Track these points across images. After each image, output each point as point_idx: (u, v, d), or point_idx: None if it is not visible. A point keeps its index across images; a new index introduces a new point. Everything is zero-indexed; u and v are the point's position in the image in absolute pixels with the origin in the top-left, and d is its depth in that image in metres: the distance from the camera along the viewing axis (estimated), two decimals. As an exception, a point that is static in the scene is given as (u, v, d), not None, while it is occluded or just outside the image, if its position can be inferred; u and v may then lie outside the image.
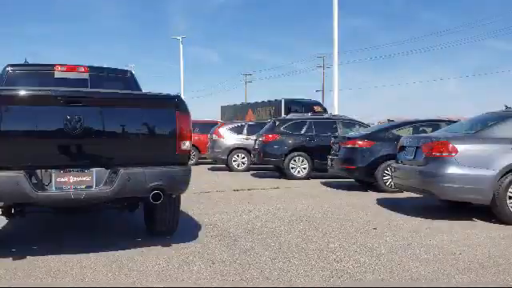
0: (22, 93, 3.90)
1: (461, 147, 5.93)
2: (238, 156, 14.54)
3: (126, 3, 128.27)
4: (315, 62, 66.63)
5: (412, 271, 3.80)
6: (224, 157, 14.51)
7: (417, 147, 6.56)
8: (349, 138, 9.55)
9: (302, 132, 11.94)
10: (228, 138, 14.71)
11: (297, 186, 10.20)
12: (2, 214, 4.56)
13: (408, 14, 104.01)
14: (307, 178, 11.61)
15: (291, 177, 11.56)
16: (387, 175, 8.80)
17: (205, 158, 16.57)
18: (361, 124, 12.38)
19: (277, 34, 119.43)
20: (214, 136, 14.84)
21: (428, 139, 6.45)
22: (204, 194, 8.58)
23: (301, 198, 8.23)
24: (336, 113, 17.26)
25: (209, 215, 6.35)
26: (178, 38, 39.31)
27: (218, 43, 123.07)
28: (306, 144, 11.80)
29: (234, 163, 14.46)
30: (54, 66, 5.43)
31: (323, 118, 12.83)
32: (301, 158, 11.68)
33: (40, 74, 5.47)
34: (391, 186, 8.64)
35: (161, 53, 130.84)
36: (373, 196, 8.39)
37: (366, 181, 9.45)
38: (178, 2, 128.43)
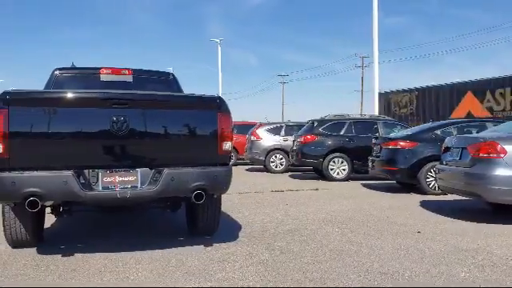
0: (71, 95, 4.04)
1: (510, 148, 5.69)
2: (275, 157, 14.53)
3: (162, 7, 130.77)
4: (353, 62, 65.97)
5: (460, 276, 3.67)
6: (262, 158, 14.53)
7: (463, 148, 6.35)
8: (390, 139, 9.36)
9: (342, 133, 11.79)
10: (266, 139, 14.72)
11: (336, 187, 10.09)
12: (51, 213, 4.73)
13: (450, 12, 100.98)
14: (347, 179, 11.46)
15: (330, 178, 11.44)
16: (431, 177, 8.56)
17: (243, 159, 16.65)
18: (402, 125, 12.11)
19: (313, 34, 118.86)
20: (252, 137, 14.89)
21: (475, 140, 6.23)
22: (243, 194, 8.62)
23: (341, 199, 8.12)
24: (376, 113, 16.95)
25: (248, 216, 6.37)
26: (217, 40, 39.70)
27: (254, 45, 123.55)
28: (346, 145, 11.65)
29: (271, 164, 14.45)
30: (99, 69, 5.59)
31: (363, 119, 12.66)
32: (340, 160, 11.54)
33: (86, 76, 5.65)
34: (435, 188, 8.40)
35: (197, 55, 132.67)
36: (416, 198, 8.18)
37: (409, 183, 9.23)
38: (214, 5, 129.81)
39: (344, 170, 11.52)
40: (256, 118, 30.63)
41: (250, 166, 16.42)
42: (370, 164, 9.83)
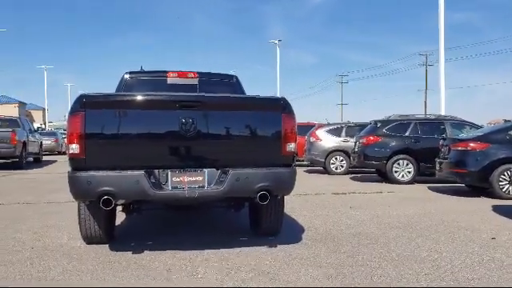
0: (143, 98, 4.21)
1: None
2: (336, 159, 14.31)
3: (222, 11, 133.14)
4: (414, 61, 63.89)
5: (543, 287, 3.41)
6: (321, 159, 14.35)
7: (542, 150, 5.92)
8: (460, 140, 8.94)
9: (407, 134, 11.40)
10: (326, 140, 14.52)
11: (401, 190, 9.76)
12: (122, 211, 4.94)
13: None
14: (412, 182, 11.06)
15: (394, 181, 11.08)
16: (504, 180, 8.10)
17: (301, 161, 16.52)
18: (472, 125, 11.52)
19: (373, 33, 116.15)
20: (311, 138, 14.74)
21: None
22: (303, 196, 8.55)
23: (406, 203, 7.85)
24: (442, 113, 16.25)
25: (311, 218, 6.30)
26: (275, 41, 39.83)
27: (313, 45, 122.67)
28: (411, 146, 11.24)
29: (331, 166, 14.24)
30: (166, 72, 5.76)
31: (430, 119, 12.18)
32: (405, 162, 11.15)
33: (154, 80, 5.84)
34: (509, 192, 7.95)
35: (255, 56, 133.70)
36: (487, 202, 7.73)
37: (479, 186, 8.76)
38: (273, 6, 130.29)
39: (409, 172, 11.13)
40: (314, 119, 30.12)
41: (309, 168, 16.27)
42: (437, 166, 9.43)
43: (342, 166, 14.21)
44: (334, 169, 14.22)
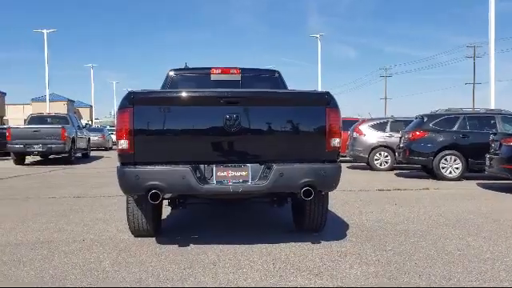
0: (189, 94, 4.26)
1: None
2: (380, 154, 14.02)
3: (259, 5, 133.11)
4: (461, 54, 61.58)
5: None
6: (365, 155, 14.10)
7: None
8: (512, 135, 8.56)
9: (455, 128, 11.02)
10: (370, 135, 14.25)
11: (448, 187, 9.45)
12: (169, 205, 5.04)
13: None
14: (460, 179, 10.70)
15: (441, 177, 10.75)
16: (561, 177, 7.66)
17: (344, 157, 16.28)
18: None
19: (416, 25, 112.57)
20: (354, 133, 14.51)
21: None
22: (347, 192, 8.44)
23: (454, 200, 7.60)
24: (492, 107, 15.59)
25: (355, 214, 6.21)
26: (317, 35, 39.42)
27: (354, 38, 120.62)
28: (459, 141, 10.87)
29: (375, 162, 13.97)
30: (209, 69, 5.82)
31: (479, 113, 11.72)
32: (453, 157, 10.79)
33: (198, 76, 5.92)
34: None
35: (294, 51, 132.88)
36: (543, 201, 7.37)
37: (533, 183, 8.36)
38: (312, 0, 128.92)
39: (457, 168, 10.76)
40: (356, 114, 29.55)
41: (351, 164, 16.04)
42: (487, 162, 9.07)
43: (387, 162, 13.91)
44: (377, 165, 13.94)
